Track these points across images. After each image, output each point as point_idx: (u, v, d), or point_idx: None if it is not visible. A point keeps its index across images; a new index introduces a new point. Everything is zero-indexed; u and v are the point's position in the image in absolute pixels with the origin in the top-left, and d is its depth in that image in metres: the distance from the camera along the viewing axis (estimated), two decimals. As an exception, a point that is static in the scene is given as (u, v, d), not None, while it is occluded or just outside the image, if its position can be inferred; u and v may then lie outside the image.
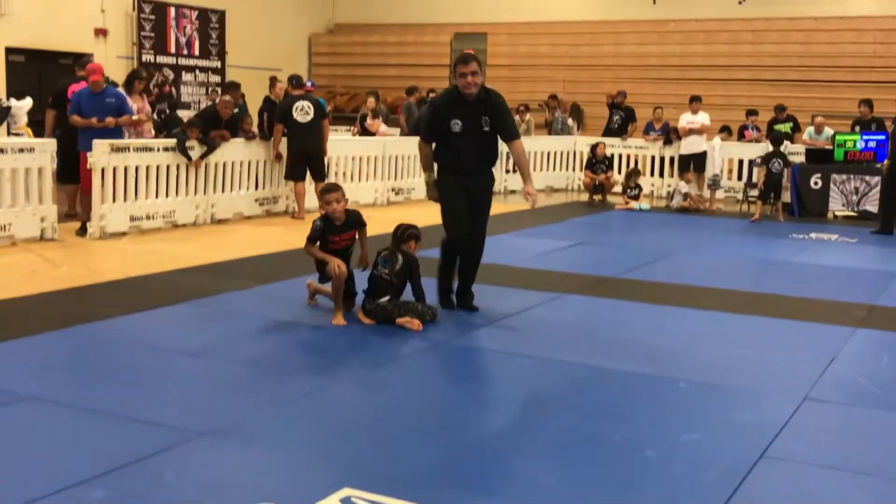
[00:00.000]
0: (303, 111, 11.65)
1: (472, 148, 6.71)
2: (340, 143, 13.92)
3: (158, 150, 10.74)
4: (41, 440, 4.14)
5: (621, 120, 17.24)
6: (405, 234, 6.65)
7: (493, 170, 7.01)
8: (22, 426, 4.29)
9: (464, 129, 6.66)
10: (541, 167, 17.11)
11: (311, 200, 12.20)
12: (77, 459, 3.92)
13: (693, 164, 15.72)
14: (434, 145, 6.85)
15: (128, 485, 3.69)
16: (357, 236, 6.77)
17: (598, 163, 15.66)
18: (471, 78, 6.56)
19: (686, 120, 15.87)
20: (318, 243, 6.56)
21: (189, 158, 10.93)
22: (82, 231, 10.01)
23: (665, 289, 8.05)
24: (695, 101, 15.88)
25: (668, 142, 16.42)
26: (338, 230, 6.57)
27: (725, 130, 15.83)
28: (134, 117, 11.00)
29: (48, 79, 17.17)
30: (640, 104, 18.21)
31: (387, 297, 6.41)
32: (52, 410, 4.50)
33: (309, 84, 14.01)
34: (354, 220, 6.67)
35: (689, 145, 15.78)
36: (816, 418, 4.81)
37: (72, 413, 4.47)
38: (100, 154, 9.88)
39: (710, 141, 15.52)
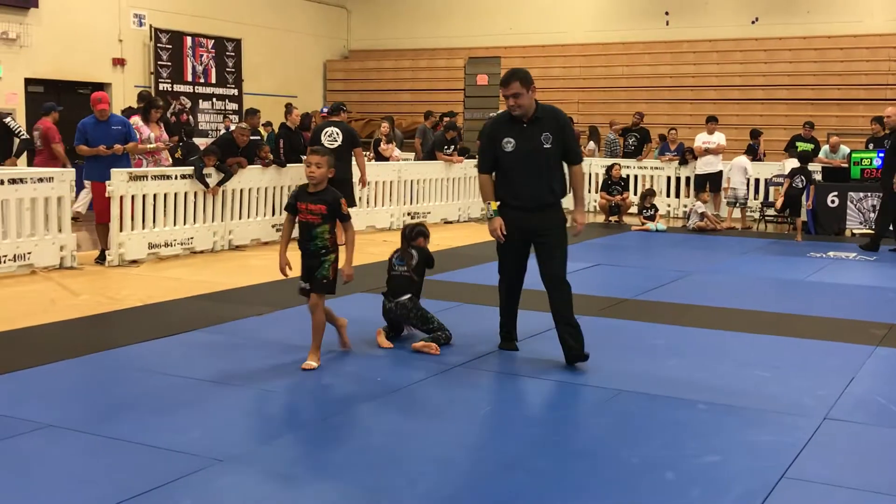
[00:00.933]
0: (331, 137, 11.73)
1: (529, 171, 5.93)
2: (354, 169, 13.95)
3: (176, 177, 10.83)
4: (60, 468, 4.16)
5: (637, 142, 17.27)
6: (413, 232, 6.83)
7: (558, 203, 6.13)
8: (42, 454, 4.32)
9: (517, 148, 5.94)
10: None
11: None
12: (96, 487, 3.94)
13: (709, 184, 15.72)
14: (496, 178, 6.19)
15: (147, 512, 3.70)
16: (341, 228, 6.00)
17: (613, 184, 15.67)
18: (513, 101, 5.88)
19: (702, 140, 15.90)
20: (296, 217, 5.99)
21: (206, 186, 11.02)
22: (101, 259, 10.09)
23: (682, 310, 8.02)
24: (711, 122, 15.91)
25: (683, 162, 16.42)
26: (308, 197, 5.88)
27: (749, 152, 15.83)
28: (150, 146, 11.11)
29: (67, 109, 17.38)
30: (655, 125, 18.24)
31: (407, 296, 6.53)
32: (72, 438, 4.53)
33: (324, 110, 14.11)
34: (330, 198, 5.88)
35: (705, 165, 15.80)
36: (836, 439, 4.77)
37: (91, 440, 4.49)
38: (118, 182, 9.97)
39: (736, 160, 15.48)
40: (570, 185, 6.26)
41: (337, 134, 11.78)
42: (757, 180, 16.04)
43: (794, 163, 15.12)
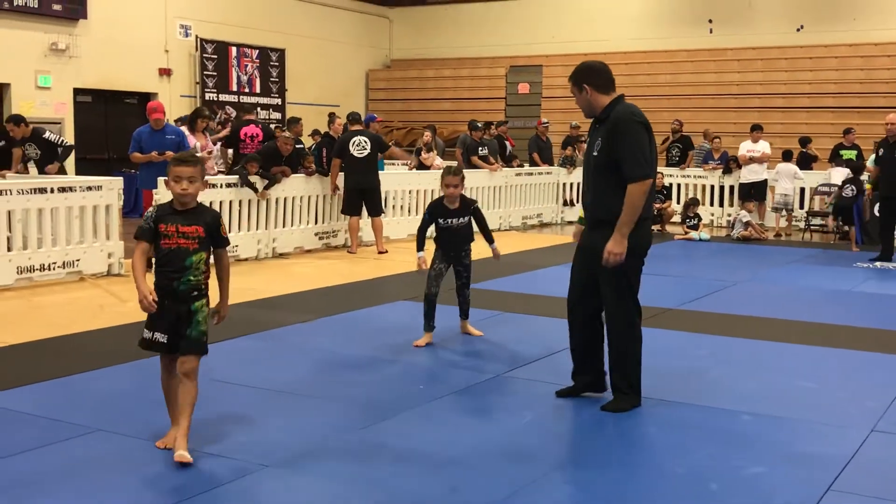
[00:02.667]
0: (359, 146, 11.81)
1: (586, 180, 5.40)
2: (398, 177, 14.07)
3: (221, 186, 10.96)
4: (109, 472, 4.23)
5: (680, 151, 17.12)
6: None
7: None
8: (90, 458, 4.39)
9: (584, 153, 5.47)
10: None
11: (367, 234, 12.37)
12: (144, 490, 4.00)
13: (754, 193, 15.58)
14: None
15: (194, 516, 3.76)
16: (213, 254, 4.58)
17: (655, 193, 15.55)
18: (577, 100, 5.41)
19: (746, 148, 15.77)
20: (152, 246, 4.57)
21: (256, 191, 11.16)
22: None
23: (726, 320, 7.96)
24: (756, 130, 15.77)
25: (727, 171, 16.29)
26: (176, 217, 4.45)
27: (789, 156, 15.68)
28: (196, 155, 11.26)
29: (114, 118, 17.69)
30: (699, 133, 18.11)
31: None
32: (120, 442, 4.60)
33: (368, 117, 14.21)
34: (209, 221, 4.49)
35: (750, 174, 15.66)
36: (884, 451, 4.71)
37: (138, 445, 4.56)
38: (165, 191, 10.11)
39: (782, 166, 15.38)
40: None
41: (365, 142, 11.85)
42: (802, 189, 15.89)
43: (839, 172, 14.97)
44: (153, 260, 4.62)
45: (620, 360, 5.29)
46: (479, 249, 7.15)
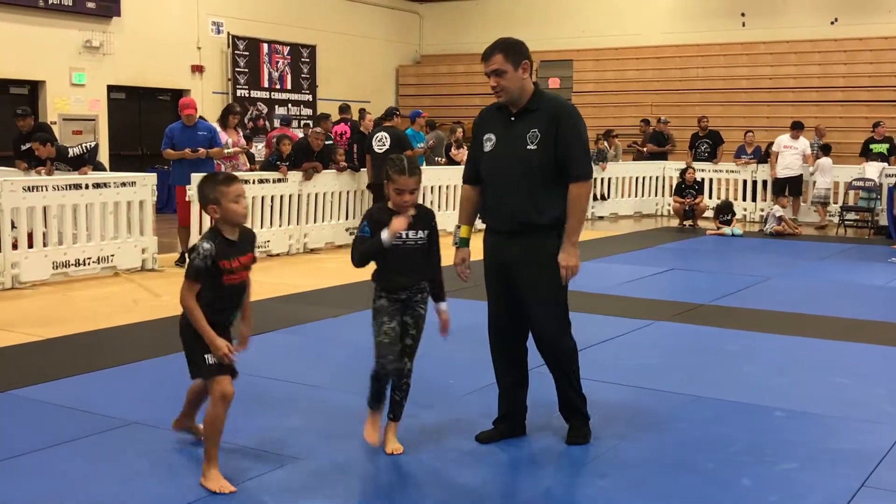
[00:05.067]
0: (379, 142, 11.85)
1: (506, 180, 4.35)
2: (426, 173, 14.08)
3: (253, 182, 11.03)
4: (143, 463, 4.29)
5: (709, 147, 17.01)
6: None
7: (552, 226, 4.35)
8: (126, 450, 4.45)
9: (496, 148, 4.40)
10: (629, 193, 17.09)
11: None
12: (180, 481, 4.05)
13: (788, 188, 15.46)
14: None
15: (228, 508, 3.80)
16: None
17: (687, 188, 15.48)
18: (493, 80, 4.36)
19: (783, 143, 15.61)
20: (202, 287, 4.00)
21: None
22: (181, 261, 10.32)
23: (758, 315, 7.90)
24: (796, 128, 15.58)
25: (762, 161, 16.15)
26: (232, 249, 4.03)
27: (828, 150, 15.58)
28: (228, 150, 11.34)
29: (147, 115, 17.87)
30: (731, 128, 17.98)
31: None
32: (154, 434, 4.66)
33: (413, 113, 14.47)
34: (254, 243, 4.25)
35: (786, 169, 15.53)
36: (920, 448, 4.66)
37: (172, 437, 4.61)
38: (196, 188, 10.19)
39: (822, 161, 15.34)
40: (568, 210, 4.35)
41: (385, 139, 11.86)
42: (835, 184, 15.76)
43: (873, 166, 14.82)
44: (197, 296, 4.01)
45: (572, 385, 4.60)
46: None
